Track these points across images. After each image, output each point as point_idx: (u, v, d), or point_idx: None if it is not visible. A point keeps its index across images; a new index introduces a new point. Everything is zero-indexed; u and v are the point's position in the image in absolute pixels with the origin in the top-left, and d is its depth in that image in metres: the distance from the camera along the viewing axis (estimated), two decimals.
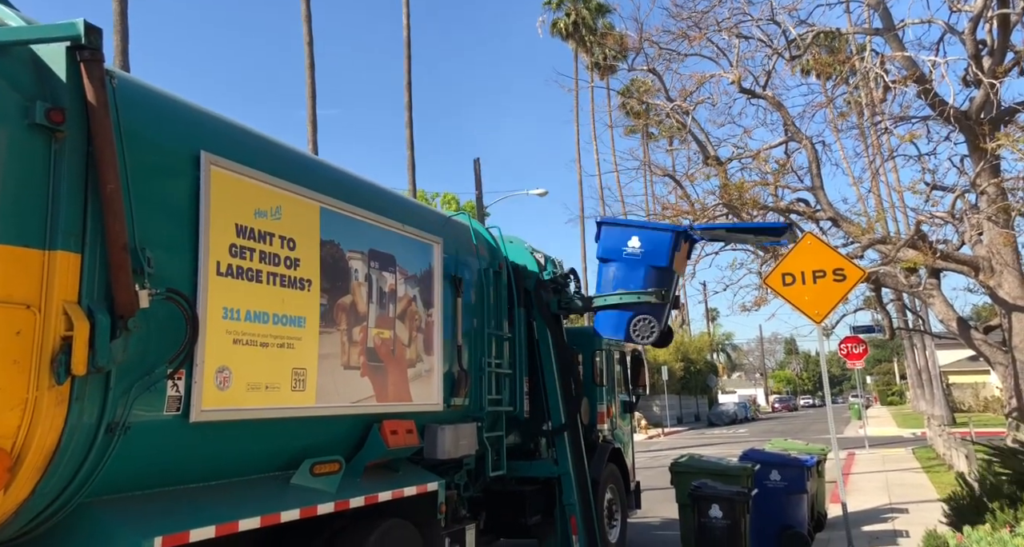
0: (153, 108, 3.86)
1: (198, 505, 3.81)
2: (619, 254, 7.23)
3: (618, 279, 7.24)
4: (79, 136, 3.32)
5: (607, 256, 7.36)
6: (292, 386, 4.36)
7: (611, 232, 7.39)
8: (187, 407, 3.72)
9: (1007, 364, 13.99)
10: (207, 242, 3.90)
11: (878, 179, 24.43)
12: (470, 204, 25.34)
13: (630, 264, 7.17)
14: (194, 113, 4.17)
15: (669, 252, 7.08)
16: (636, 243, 7.17)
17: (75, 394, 3.18)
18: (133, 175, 3.51)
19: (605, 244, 7.41)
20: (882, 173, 24.89)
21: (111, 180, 3.28)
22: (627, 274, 7.18)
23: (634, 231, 7.29)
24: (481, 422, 6.44)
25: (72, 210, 3.25)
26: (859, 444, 23.39)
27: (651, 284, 7.13)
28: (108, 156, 3.29)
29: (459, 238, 6.69)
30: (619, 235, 7.30)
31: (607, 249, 7.36)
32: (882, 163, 21.13)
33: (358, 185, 5.50)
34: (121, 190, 3.34)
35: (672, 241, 7.12)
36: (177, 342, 3.66)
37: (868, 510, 11.56)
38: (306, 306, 4.53)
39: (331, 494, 4.54)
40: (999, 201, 13.03)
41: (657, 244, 7.12)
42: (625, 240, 7.24)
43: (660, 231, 7.32)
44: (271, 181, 4.39)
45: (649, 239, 7.16)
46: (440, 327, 5.94)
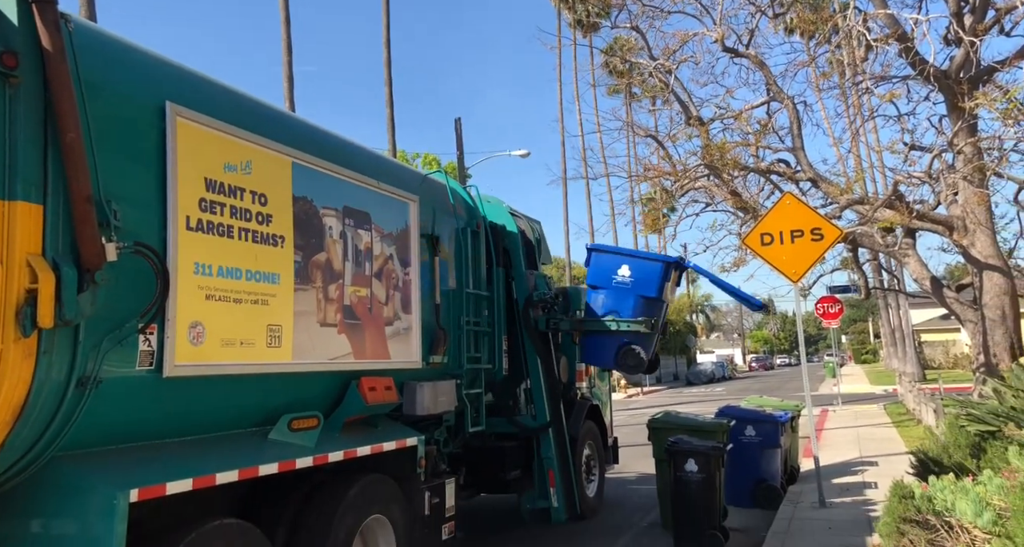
0: (113, 56, 3.72)
1: (174, 459, 3.79)
2: (609, 282, 7.18)
3: (607, 306, 7.20)
4: (35, 82, 3.20)
5: (597, 283, 7.31)
6: (268, 342, 4.32)
7: (601, 259, 7.33)
8: (160, 362, 3.67)
9: (976, 321, 14.25)
10: (175, 196, 3.80)
11: (858, 139, 24.53)
12: (451, 165, 25.09)
13: (620, 292, 7.11)
14: (158, 63, 4.02)
15: (659, 282, 7.04)
16: (626, 272, 7.12)
17: (43, 347, 3.13)
18: (95, 125, 3.39)
19: (595, 270, 7.35)
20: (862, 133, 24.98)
21: (71, 129, 3.16)
22: (616, 302, 7.12)
23: (625, 259, 7.22)
24: (460, 379, 6.47)
25: (32, 160, 3.15)
26: (832, 401, 23.91)
27: (640, 313, 7.10)
28: (66, 104, 3.17)
29: (436, 197, 6.61)
30: (609, 262, 7.24)
31: (597, 276, 7.31)
32: (862, 123, 21.22)
33: (331, 141, 5.39)
34: (82, 140, 3.23)
35: (662, 272, 7.07)
36: (148, 297, 3.59)
37: (839, 463, 11.86)
38: (280, 263, 4.46)
39: (310, 449, 4.54)
40: (975, 161, 13.14)
41: (647, 274, 7.07)
42: (615, 268, 7.20)
43: (651, 261, 7.24)
44: (240, 134, 4.28)
45: (639, 269, 7.11)
46: (418, 286, 5.91)
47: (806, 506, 8.64)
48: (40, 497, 3.29)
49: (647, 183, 20.53)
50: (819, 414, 20.21)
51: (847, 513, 8.20)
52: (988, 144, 13.84)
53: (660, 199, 20.94)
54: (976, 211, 13.80)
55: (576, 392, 9.00)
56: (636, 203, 25.34)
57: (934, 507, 6.06)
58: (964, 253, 14.38)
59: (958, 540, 5.84)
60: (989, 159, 13.64)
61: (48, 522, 3.28)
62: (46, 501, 3.29)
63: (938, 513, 6.03)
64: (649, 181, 19.45)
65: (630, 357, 6.95)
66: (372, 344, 5.26)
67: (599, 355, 7.14)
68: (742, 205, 16.48)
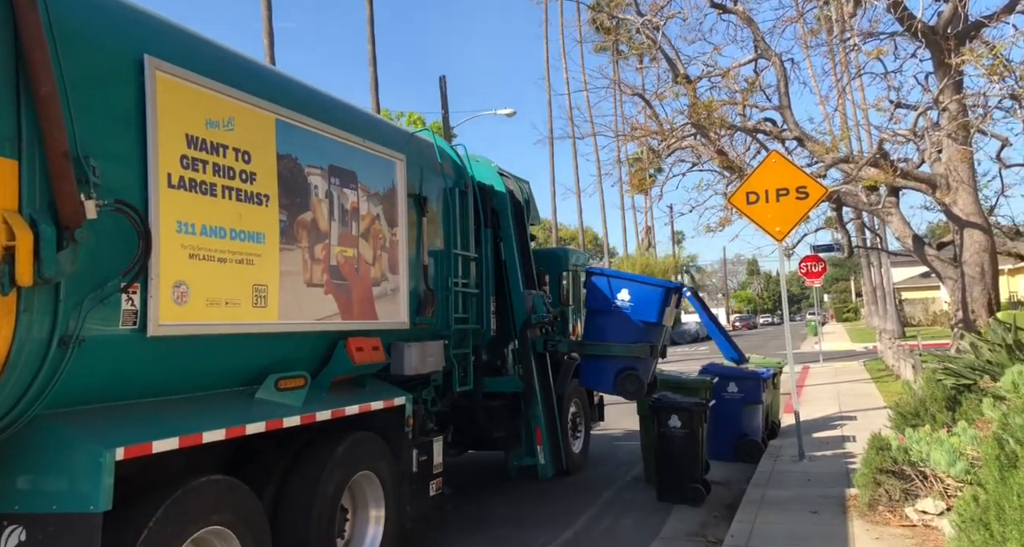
0: (88, 5, 3.59)
1: (161, 417, 3.78)
2: (608, 305, 7.05)
3: (607, 330, 7.07)
4: (5, 32, 3.09)
5: (596, 306, 7.19)
6: (253, 302, 4.29)
7: (601, 282, 7.20)
8: (144, 321, 3.64)
9: (956, 278, 14.45)
10: (156, 153, 3.72)
11: (844, 97, 24.38)
12: (436, 124, 24.78)
13: (619, 316, 7.00)
14: (135, 13, 3.89)
15: (660, 307, 6.91)
16: (626, 296, 7.02)
17: (22, 305, 3.09)
18: (70, 78, 3.29)
19: (594, 293, 7.23)
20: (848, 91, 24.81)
21: (45, 82, 3.07)
22: (616, 326, 7.03)
23: (624, 283, 7.07)
24: (448, 340, 6.48)
25: (4, 113, 3.06)
26: (814, 358, 24.31)
27: (640, 337, 6.97)
28: (39, 55, 3.06)
29: (423, 155, 6.52)
30: (609, 286, 7.12)
31: (596, 298, 7.19)
32: (849, 81, 21.05)
33: (316, 97, 5.27)
34: (57, 93, 3.14)
35: (663, 297, 6.95)
36: (130, 256, 3.54)
37: (819, 418, 12.12)
38: (265, 222, 4.41)
39: (297, 408, 4.54)
40: (960, 118, 13.14)
41: (648, 299, 6.95)
42: (615, 292, 7.05)
43: (651, 286, 7.08)
44: (222, 90, 4.18)
45: (639, 293, 6.98)
46: (405, 246, 5.87)
47: (786, 459, 8.85)
48: (27, 454, 3.30)
49: (634, 143, 20.42)
50: (800, 371, 20.55)
51: (826, 466, 8.41)
52: (973, 101, 13.82)
53: (647, 159, 20.86)
54: (959, 169, 13.86)
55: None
56: (623, 163, 25.22)
57: (910, 458, 6.23)
58: (946, 211, 14.49)
59: (931, 489, 6.02)
60: (973, 116, 13.64)
61: (35, 479, 3.29)
62: (33, 458, 3.30)
63: (913, 464, 6.21)
64: (636, 140, 19.33)
65: (629, 382, 6.92)
66: (359, 304, 5.24)
67: (598, 379, 7.10)
68: (728, 164, 16.44)
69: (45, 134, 3.11)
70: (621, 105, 33.90)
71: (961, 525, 4.14)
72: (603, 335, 7.07)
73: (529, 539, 6.38)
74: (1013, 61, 12.56)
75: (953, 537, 4.24)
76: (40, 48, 3.05)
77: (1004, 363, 7.08)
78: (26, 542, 3.18)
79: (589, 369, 7.22)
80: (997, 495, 3.65)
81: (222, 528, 3.84)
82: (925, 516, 5.84)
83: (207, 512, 3.74)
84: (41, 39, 3.07)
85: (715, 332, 7.68)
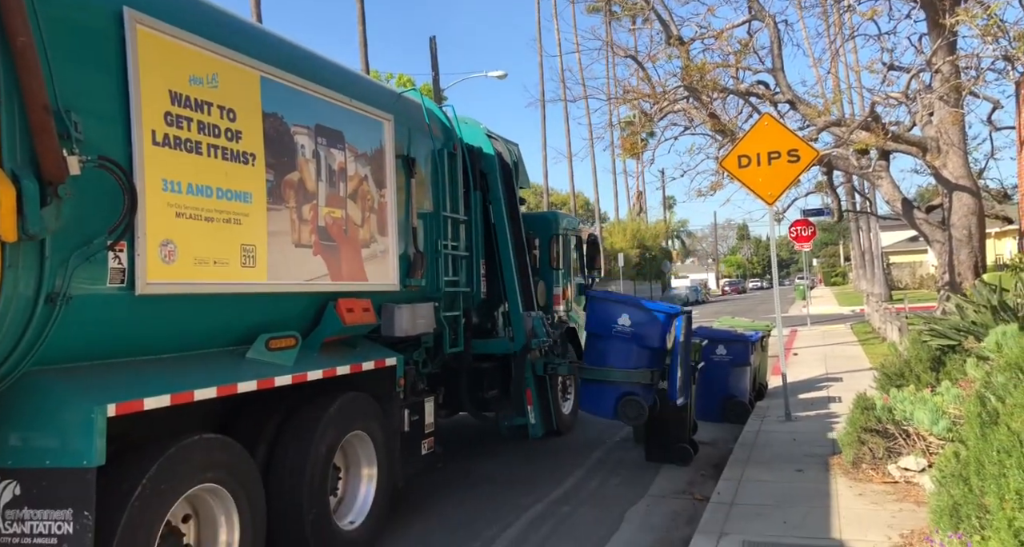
0: None
1: (152, 375, 3.79)
2: (609, 330, 6.85)
3: (608, 355, 6.90)
4: None
5: (596, 330, 6.95)
6: (242, 262, 4.26)
7: (600, 307, 6.98)
8: (131, 280, 3.62)
9: (944, 241, 14.53)
10: (139, 109, 3.65)
11: (837, 60, 24.21)
12: (426, 86, 24.43)
13: (621, 340, 6.83)
14: None
15: (661, 333, 6.75)
16: (627, 321, 6.83)
17: (7, 261, 3.07)
18: (47, 29, 3.21)
19: (594, 318, 7.00)
20: (842, 54, 24.62)
21: (21, 32, 2.99)
22: (617, 350, 6.86)
23: (626, 308, 6.86)
24: (438, 302, 6.50)
25: None
26: (802, 322, 24.55)
27: (641, 362, 6.79)
28: (13, 3, 2.98)
29: (411, 116, 6.45)
30: (609, 311, 6.88)
31: (596, 323, 6.95)
32: (842, 43, 20.88)
33: (301, 54, 5.19)
34: (34, 44, 3.07)
35: (664, 322, 6.76)
36: (116, 213, 3.51)
37: (806, 380, 12.28)
38: (251, 181, 4.36)
39: (288, 367, 4.56)
40: (952, 80, 13.06)
41: (648, 324, 6.78)
42: (615, 316, 6.84)
43: (652, 311, 6.84)
44: (206, 45, 4.10)
45: (640, 318, 6.79)
46: (394, 208, 5.83)
47: (772, 420, 8.99)
48: (19, 410, 3.31)
49: (626, 106, 20.23)
50: (788, 334, 20.77)
51: (811, 426, 8.56)
52: (966, 63, 13.74)
53: (639, 123, 20.68)
54: (950, 131, 13.84)
55: (554, 315, 9.11)
56: (615, 127, 25.01)
57: (894, 417, 6.33)
58: (936, 174, 14.51)
59: (914, 447, 6.14)
60: (966, 78, 13.57)
61: (28, 435, 3.31)
62: (25, 414, 3.31)
63: (897, 423, 6.31)
64: (628, 103, 19.15)
65: (631, 408, 6.73)
66: (348, 266, 5.22)
67: (598, 404, 6.86)
68: (720, 128, 16.34)
69: (24, 87, 3.05)
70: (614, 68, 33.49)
71: (941, 480, 4.23)
72: (603, 359, 6.91)
73: (520, 496, 6.49)
74: (1007, 22, 12.46)
75: (933, 492, 4.33)
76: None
77: (988, 324, 7.16)
78: (21, 496, 3.22)
79: (588, 393, 7.02)
80: (977, 451, 3.72)
81: (215, 485, 3.88)
82: (907, 473, 5.97)
83: (200, 469, 3.77)
84: None
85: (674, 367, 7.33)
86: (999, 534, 3.18)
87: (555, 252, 9.33)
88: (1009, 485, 3.25)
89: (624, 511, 6.08)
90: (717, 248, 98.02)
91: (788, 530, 5.00)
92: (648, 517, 5.95)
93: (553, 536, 5.56)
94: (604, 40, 19.57)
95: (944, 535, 3.66)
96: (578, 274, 10.24)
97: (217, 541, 3.96)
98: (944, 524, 3.83)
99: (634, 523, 5.84)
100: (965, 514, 3.64)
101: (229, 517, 3.99)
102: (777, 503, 5.62)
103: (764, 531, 5.00)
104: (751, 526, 5.12)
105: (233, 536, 3.99)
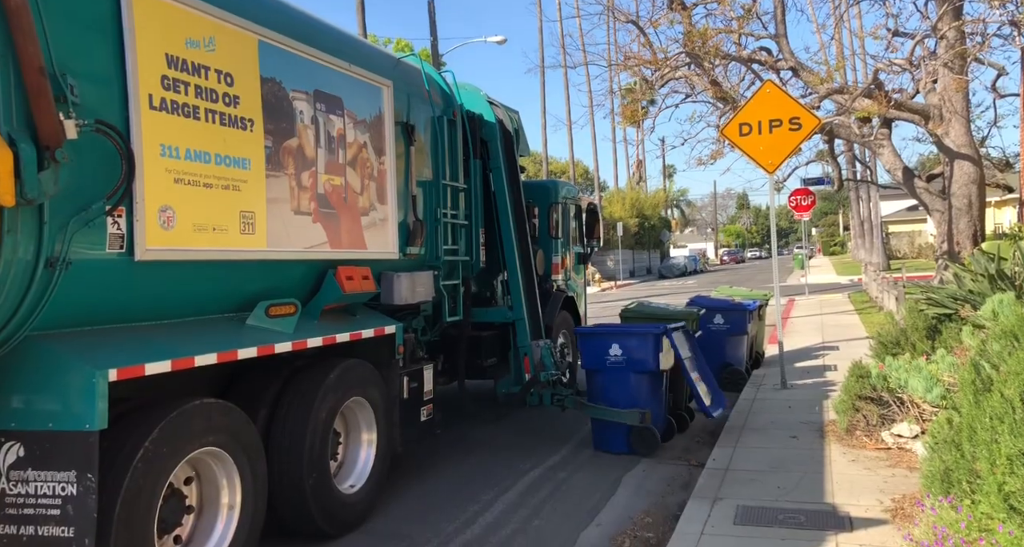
0: None
1: (152, 341, 3.81)
2: (603, 363, 6.76)
3: (607, 388, 6.78)
4: None
5: (593, 366, 6.85)
6: (241, 229, 4.26)
7: (591, 342, 6.84)
8: (131, 245, 3.62)
9: (943, 210, 14.54)
10: (136, 72, 3.61)
11: (841, 25, 23.87)
12: (425, 52, 24.09)
13: (617, 371, 6.73)
14: None
15: (653, 354, 6.61)
16: (617, 351, 6.72)
17: (6, 226, 3.08)
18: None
19: (588, 354, 6.90)
20: (846, 19, 24.28)
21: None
22: (615, 382, 6.75)
23: (614, 338, 6.73)
24: (438, 271, 6.52)
25: None
26: (800, 291, 24.64)
27: (641, 391, 6.65)
28: None
29: (410, 82, 6.40)
30: (599, 344, 6.77)
31: (591, 359, 6.85)
32: (847, 8, 20.59)
33: (299, 18, 5.10)
34: (29, 5, 3.02)
35: (654, 344, 6.59)
36: (114, 179, 3.49)
37: (803, 349, 12.37)
38: (250, 147, 4.34)
39: (288, 334, 4.60)
40: (957, 46, 12.91)
41: (638, 349, 6.66)
42: (606, 348, 6.74)
43: (639, 336, 6.70)
44: (202, 7, 4.04)
45: (630, 345, 6.69)
46: (393, 176, 5.80)
47: (768, 388, 9.09)
48: (21, 374, 3.35)
49: (627, 72, 19.96)
50: (786, 303, 20.87)
51: (807, 393, 8.65)
52: (972, 28, 13.58)
53: (640, 90, 20.45)
54: (953, 99, 13.76)
55: (552, 284, 9.15)
56: (615, 94, 24.73)
57: (888, 385, 6.40)
58: (938, 142, 14.46)
59: (908, 414, 6.22)
60: (971, 44, 13.41)
61: (30, 398, 3.35)
62: (28, 378, 3.35)
63: (892, 390, 6.39)
64: (629, 70, 18.91)
65: (642, 442, 6.60)
66: (348, 234, 5.22)
67: (612, 441, 6.73)
68: (722, 95, 16.21)
69: (19, 48, 3.01)
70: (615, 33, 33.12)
71: (934, 446, 4.30)
72: (604, 394, 6.82)
73: (517, 462, 6.59)
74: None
75: (925, 457, 4.41)
76: None
77: (985, 292, 7.21)
78: (24, 457, 3.27)
79: (599, 430, 6.90)
80: (970, 418, 3.77)
81: (217, 448, 3.94)
82: (900, 439, 6.05)
83: (202, 433, 3.83)
84: None
85: (693, 387, 7.16)
86: (989, 498, 3.25)
87: (554, 221, 9.32)
88: (1000, 450, 3.30)
89: (620, 476, 6.18)
90: (716, 217, 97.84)
91: (782, 494, 5.09)
92: (644, 482, 6.05)
93: (551, 500, 5.66)
94: (606, 4, 19.28)
95: (935, 500, 3.73)
96: (577, 243, 10.23)
97: (219, 503, 4.02)
98: (935, 489, 3.90)
99: (630, 487, 5.94)
100: (956, 479, 3.71)
101: (231, 480, 4.06)
102: (771, 469, 5.71)
103: (758, 496, 5.09)
104: (745, 491, 5.21)
105: (235, 498, 4.06)
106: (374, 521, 5.18)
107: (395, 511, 5.43)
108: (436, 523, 5.14)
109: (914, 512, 4.37)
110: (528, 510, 5.44)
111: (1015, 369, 3.75)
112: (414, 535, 4.93)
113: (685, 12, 15.72)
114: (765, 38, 16.31)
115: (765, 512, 4.77)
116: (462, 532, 5.00)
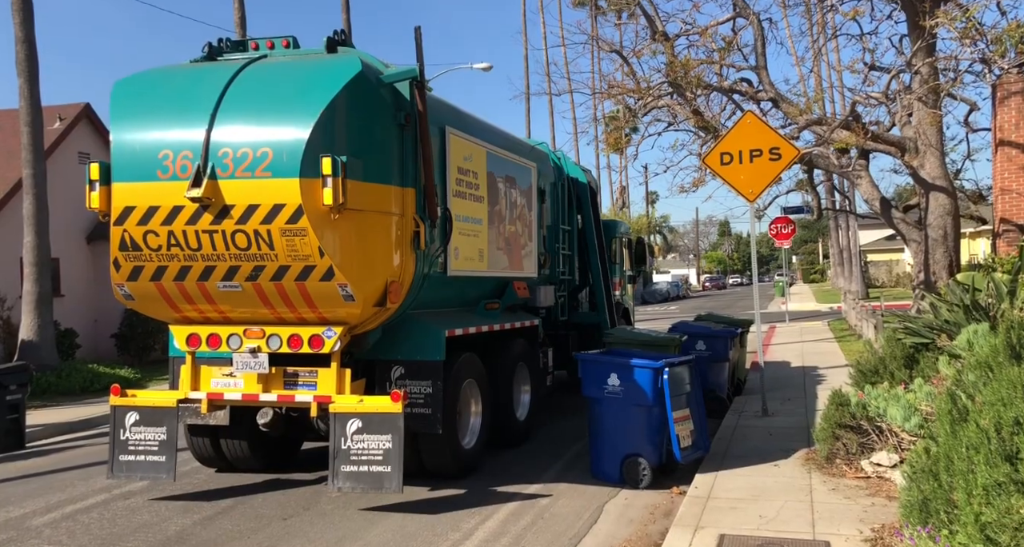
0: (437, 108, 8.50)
1: (452, 318, 7.71)
2: (601, 391, 7.24)
3: (604, 418, 7.17)
4: (413, 136, 7.70)
5: (592, 394, 7.34)
6: (479, 259, 8.30)
7: (592, 368, 7.31)
8: (446, 267, 7.43)
9: (920, 241, 14.99)
10: (452, 178, 7.63)
11: (820, 59, 24.55)
12: None
13: (614, 403, 7.06)
14: (441, 105, 7.91)
15: (651, 388, 6.83)
16: (615, 381, 7.05)
17: (418, 257, 7.04)
18: (409, 147, 7.50)
19: (587, 380, 7.41)
20: (824, 53, 24.99)
21: (426, 144, 6.81)
22: (612, 415, 7.09)
23: (612, 368, 7.10)
24: (556, 285, 10.78)
25: (410, 168, 6.88)
26: (780, 318, 25.17)
27: (638, 424, 6.88)
28: (427, 149, 7.79)
29: (542, 161, 10.69)
30: (598, 372, 7.25)
31: (590, 386, 7.36)
32: (825, 42, 21.15)
33: (502, 134, 9.28)
34: (431, 157, 6.89)
35: (652, 378, 6.85)
36: (444, 236, 7.64)
37: (784, 376, 12.51)
38: (482, 212, 8.40)
39: (497, 320, 8.65)
40: (931, 81, 13.30)
41: (637, 381, 6.92)
42: (604, 377, 7.13)
43: (639, 368, 6.90)
44: (468, 137, 7.94)
45: (628, 377, 6.99)
46: (535, 223, 10.06)
47: (750, 415, 9.26)
48: (405, 330, 7.28)
49: (611, 100, 20.27)
50: (767, 330, 21.10)
51: (788, 421, 8.83)
52: (945, 65, 14.02)
53: (623, 118, 20.76)
54: (928, 132, 14.20)
55: (614, 297, 13.35)
56: (599, 121, 25.16)
57: (868, 413, 6.57)
58: (913, 174, 14.94)
59: (887, 443, 6.30)
60: (944, 80, 13.78)
61: (409, 342, 7.17)
62: (408, 332, 7.27)
63: (871, 419, 6.54)
64: (613, 98, 19.23)
65: (633, 470, 6.78)
66: (516, 261, 9.34)
67: (604, 468, 7.03)
68: (704, 124, 16.64)
69: (425, 178, 6.98)
70: (599, 62, 33.99)
71: (912, 476, 4.37)
72: (600, 424, 7.21)
73: (500, 487, 6.54)
74: (985, 25, 12.76)
75: (904, 487, 4.49)
76: (426, 143, 6.91)
77: (961, 322, 7.36)
78: (405, 373, 7.06)
79: (596, 455, 7.28)
80: (947, 447, 3.87)
81: (472, 380, 7.90)
82: (879, 468, 6.18)
83: (468, 369, 7.73)
84: (427, 136, 6.89)
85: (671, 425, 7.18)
86: (966, 528, 3.31)
87: (615, 251, 13.24)
88: (977, 481, 3.38)
89: (603, 504, 6.26)
90: (699, 244, 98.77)
91: (763, 524, 5.19)
92: (627, 510, 6.19)
93: (533, 528, 5.77)
94: (590, 34, 19.81)
95: (914, 529, 3.81)
96: (629, 268, 14.70)
97: (470, 411, 7.97)
98: (914, 519, 3.97)
99: (612, 515, 6.08)
100: (934, 509, 3.79)
101: (476, 399, 8.01)
102: (753, 497, 5.83)
103: (740, 525, 5.20)
104: (727, 519, 5.34)
105: (477, 409, 8.03)
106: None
107: (374, 539, 5.36)
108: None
109: (893, 542, 4.48)
110: (509, 539, 5.59)
111: (990, 399, 3.85)
112: None
113: (668, 43, 16.25)
114: (746, 69, 16.84)
115: (747, 541, 4.82)
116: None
